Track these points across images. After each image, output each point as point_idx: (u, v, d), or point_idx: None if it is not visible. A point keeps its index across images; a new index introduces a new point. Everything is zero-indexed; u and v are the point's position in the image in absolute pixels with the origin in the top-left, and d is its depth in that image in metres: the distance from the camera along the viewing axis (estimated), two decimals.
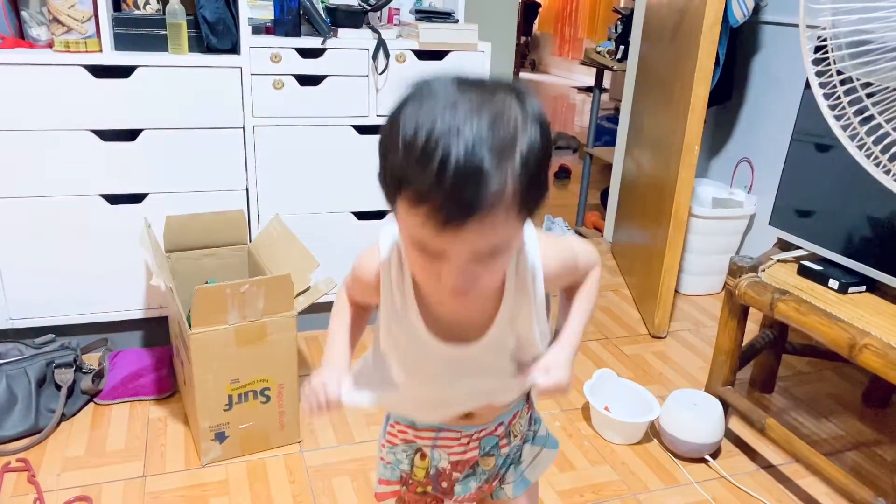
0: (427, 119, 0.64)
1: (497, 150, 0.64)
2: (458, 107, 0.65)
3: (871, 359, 1.37)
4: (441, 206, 0.65)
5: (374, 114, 2.03)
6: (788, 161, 1.78)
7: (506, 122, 0.66)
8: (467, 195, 0.65)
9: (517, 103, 0.67)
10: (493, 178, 0.65)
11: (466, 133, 0.64)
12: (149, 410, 1.83)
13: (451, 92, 0.66)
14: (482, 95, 0.66)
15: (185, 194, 1.95)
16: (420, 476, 1.01)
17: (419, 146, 0.64)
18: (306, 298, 1.66)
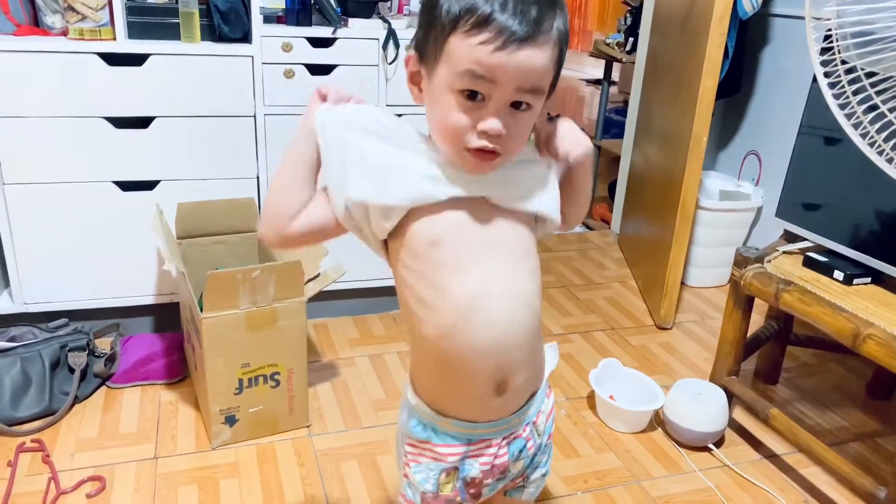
0: None
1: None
2: None
3: (875, 349, 1.39)
4: (506, 22, 0.75)
5: (384, 103, 2.04)
6: (795, 153, 1.79)
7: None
8: (531, 14, 0.75)
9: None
10: (548, 10, 0.77)
11: None
12: (160, 394, 1.86)
13: None
14: None
15: (197, 182, 1.97)
16: (447, 491, 0.97)
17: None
18: (316, 285, 1.68)
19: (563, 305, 2.49)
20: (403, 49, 2.01)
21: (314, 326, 2.22)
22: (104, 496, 1.51)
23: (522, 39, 0.75)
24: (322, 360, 2.05)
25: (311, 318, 2.24)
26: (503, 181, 0.88)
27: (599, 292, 2.62)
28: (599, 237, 3.18)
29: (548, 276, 2.71)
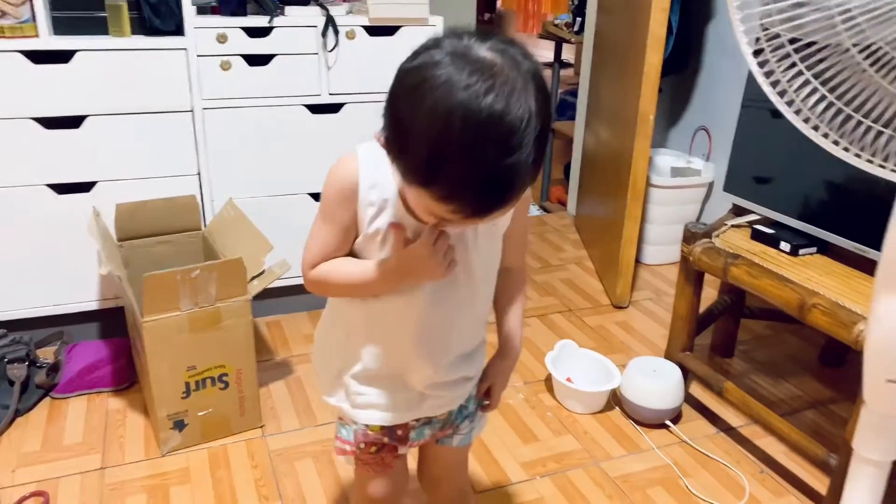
0: (456, 118, 0.65)
1: (525, 143, 0.67)
2: (481, 102, 0.65)
3: (820, 318, 1.40)
4: (473, 206, 0.70)
5: (327, 92, 2.00)
6: (740, 127, 1.79)
7: (524, 107, 0.67)
8: (500, 194, 0.69)
9: (520, 75, 0.68)
10: (523, 171, 0.68)
11: (496, 133, 0.66)
12: (107, 402, 1.80)
13: (471, 80, 0.66)
14: (494, 79, 0.67)
15: (136, 181, 1.91)
16: (376, 429, 1.02)
17: (453, 151, 0.66)
18: (260, 282, 1.64)
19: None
20: (344, 36, 1.96)
21: (266, 324, 2.18)
22: None
23: (490, 213, 0.71)
24: (275, 359, 2.01)
25: (263, 316, 2.20)
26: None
27: (556, 274, 2.61)
28: (556, 219, 3.18)
29: None
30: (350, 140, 2.05)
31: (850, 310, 1.37)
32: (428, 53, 0.70)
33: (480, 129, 0.65)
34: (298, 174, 2.06)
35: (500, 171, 0.67)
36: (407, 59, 0.72)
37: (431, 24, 2.04)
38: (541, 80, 0.70)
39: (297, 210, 2.08)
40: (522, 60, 0.70)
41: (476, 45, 0.69)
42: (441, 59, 0.68)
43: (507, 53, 0.69)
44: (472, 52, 0.68)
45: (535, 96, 0.68)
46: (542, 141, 0.69)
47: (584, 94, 2.97)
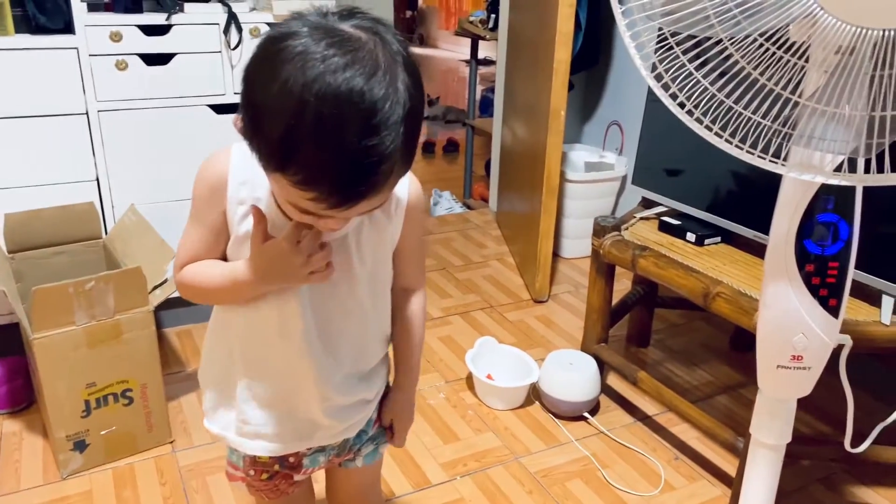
0: (310, 93, 0.60)
1: (389, 125, 0.62)
2: (339, 76, 0.60)
3: (723, 306, 1.43)
4: (333, 192, 0.64)
5: (231, 91, 1.93)
6: (645, 121, 1.82)
7: (389, 87, 0.62)
8: (361, 180, 0.63)
9: (386, 53, 0.64)
10: (387, 156, 0.63)
11: (355, 111, 0.61)
12: (2, 425, 1.69)
13: (328, 52, 0.61)
14: (355, 53, 0.62)
15: (29, 189, 1.80)
16: (265, 458, 0.95)
17: (307, 130, 0.61)
18: (163, 291, 1.57)
19: (443, 287, 2.47)
20: (247, 33, 1.90)
21: (177, 334, 2.09)
22: None
23: (355, 202, 0.65)
24: (186, 370, 1.93)
25: (174, 326, 2.11)
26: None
27: (479, 271, 2.62)
28: (479, 216, 3.18)
29: (428, 260, 2.68)
30: None
31: (752, 297, 1.41)
32: (286, 24, 0.65)
33: (337, 106, 0.60)
34: None
35: (360, 154, 0.61)
36: (267, 31, 0.67)
37: None
38: (411, 63, 0.66)
39: None
40: (391, 40, 0.65)
41: (340, 20, 0.64)
42: (298, 29, 0.63)
43: (374, 31, 0.65)
44: (335, 25, 0.64)
45: (403, 78, 0.64)
46: (412, 126, 0.64)
47: (501, 91, 2.99)
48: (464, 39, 4.29)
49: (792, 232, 0.91)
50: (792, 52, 0.77)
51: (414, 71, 0.66)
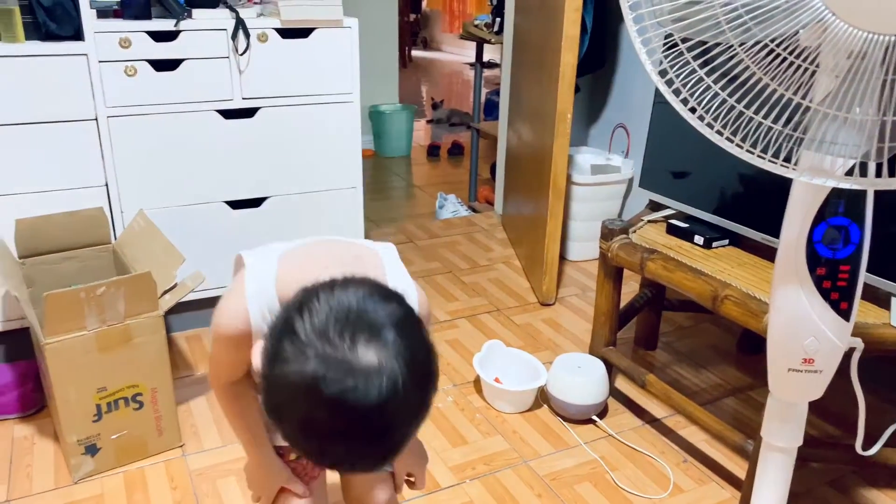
0: (319, 422, 0.65)
1: (394, 433, 0.68)
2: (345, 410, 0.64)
3: (732, 308, 1.43)
4: (343, 470, 0.78)
5: (240, 96, 1.94)
6: (653, 124, 1.83)
7: (399, 409, 0.66)
8: (371, 467, 0.71)
9: (400, 367, 0.65)
10: (395, 451, 0.69)
11: (361, 434, 0.66)
12: (13, 429, 1.70)
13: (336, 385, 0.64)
14: (362, 383, 0.64)
15: (38, 194, 1.81)
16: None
17: (314, 446, 0.68)
18: (172, 296, 1.58)
19: (450, 291, 2.47)
20: (255, 39, 1.91)
21: (185, 339, 2.10)
22: None
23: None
24: (195, 374, 1.94)
25: (181, 331, 2.12)
26: None
27: (485, 274, 2.62)
28: (484, 219, 3.19)
29: (434, 263, 2.69)
30: (267, 145, 2.01)
31: (760, 300, 1.41)
32: (296, 343, 0.66)
33: (343, 432, 0.66)
34: (213, 182, 1.99)
35: (367, 456, 0.69)
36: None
37: (346, 25, 2.00)
38: (421, 358, 0.69)
39: (212, 219, 2.02)
40: (404, 346, 0.67)
41: (346, 341, 0.66)
42: (305, 356, 0.66)
43: (381, 339, 0.66)
44: (343, 355, 0.65)
45: (411, 388, 0.66)
46: (422, 415, 0.69)
47: (506, 94, 2.99)
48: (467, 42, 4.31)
49: (803, 235, 0.91)
50: (802, 58, 0.77)
51: (426, 370, 0.69)
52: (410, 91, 6.79)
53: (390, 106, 4.35)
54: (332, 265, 0.78)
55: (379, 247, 0.92)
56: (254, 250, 0.90)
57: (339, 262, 0.83)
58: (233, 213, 2.04)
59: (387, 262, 0.88)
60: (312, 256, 0.88)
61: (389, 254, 0.91)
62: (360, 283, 0.71)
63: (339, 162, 2.13)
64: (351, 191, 2.18)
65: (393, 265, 0.88)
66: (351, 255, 0.88)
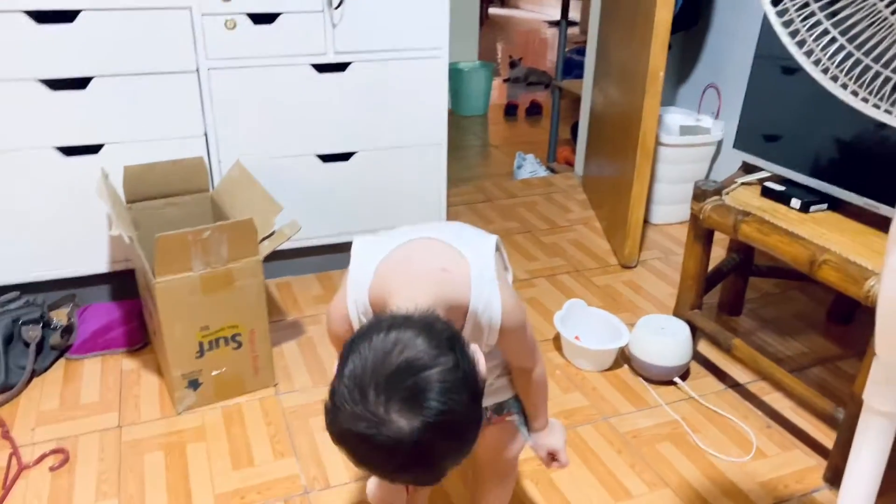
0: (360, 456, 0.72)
1: (431, 478, 0.77)
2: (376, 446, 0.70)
3: (831, 274, 1.40)
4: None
5: (332, 51, 1.97)
6: (751, 84, 1.77)
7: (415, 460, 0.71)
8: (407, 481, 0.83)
9: (426, 434, 0.69)
10: (438, 480, 0.77)
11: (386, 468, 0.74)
12: (121, 363, 1.83)
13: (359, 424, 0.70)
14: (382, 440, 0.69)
15: (143, 143, 1.90)
16: None
17: (356, 461, 0.74)
18: (271, 243, 1.64)
19: (528, 250, 2.48)
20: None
21: (277, 285, 2.19)
22: (68, 468, 1.48)
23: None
24: (287, 319, 2.03)
25: (274, 278, 2.21)
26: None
27: (564, 235, 2.61)
28: (563, 180, 3.16)
29: (512, 223, 2.70)
30: (357, 100, 2.05)
31: (861, 265, 1.37)
32: (345, 391, 0.72)
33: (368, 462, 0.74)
34: (304, 135, 2.05)
35: (410, 481, 0.80)
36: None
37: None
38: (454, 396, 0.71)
39: (305, 171, 2.08)
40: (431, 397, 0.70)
41: (380, 398, 0.70)
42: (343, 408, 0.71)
43: (412, 403, 0.69)
44: (374, 410, 0.69)
45: (435, 433, 0.70)
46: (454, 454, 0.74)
47: (592, 53, 2.93)
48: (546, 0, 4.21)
49: None
50: None
51: (458, 429, 0.73)
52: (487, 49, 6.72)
53: (469, 64, 4.33)
54: (419, 280, 0.86)
55: (473, 251, 0.92)
56: (364, 240, 0.95)
57: (426, 278, 0.87)
58: (323, 165, 2.10)
59: (474, 273, 0.89)
60: (404, 269, 0.90)
61: (481, 259, 0.91)
62: (417, 332, 0.73)
63: (426, 118, 2.15)
64: (435, 147, 2.20)
65: (481, 276, 0.89)
66: (439, 268, 0.89)
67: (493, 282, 0.89)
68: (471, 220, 2.64)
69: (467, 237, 0.97)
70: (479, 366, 0.77)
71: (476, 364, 0.76)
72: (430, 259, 0.91)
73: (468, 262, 0.90)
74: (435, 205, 2.26)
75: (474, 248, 0.93)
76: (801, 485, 1.49)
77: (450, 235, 0.94)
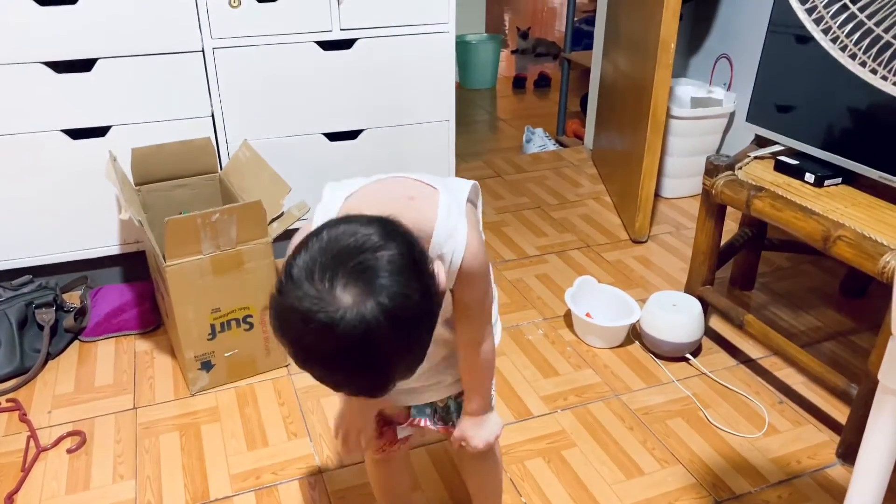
0: (306, 349, 0.70)
1: (381, 380, 0.73)
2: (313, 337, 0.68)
3: (845, 250, 1.38)
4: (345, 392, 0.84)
5: (338, 28, 1.95)
6: (765, 55, 1.73)
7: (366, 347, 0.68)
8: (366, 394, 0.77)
9: (374, 309, 0.67)
10: (385, 390, 0.74)
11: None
12: (134, 344, 1.84)
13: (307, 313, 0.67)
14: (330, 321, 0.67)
15: (150, 125, 1.89)
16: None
17: (310, 370, 0.72)
18: (280, 224, 1.64)
19: (538, 226, 2.47)
20: None
21: None
22: (85, 450, 1.50)
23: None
24: None
25: (281, 258, 2.21)
26: None
27: (574, 210, 2.60)
28: (573, 154, 3.14)
29: (522, 198, 2.68)
30: (363, 77, 2.03)
31: (876, 241, 1.35)
32: (295, 271, 0.69)
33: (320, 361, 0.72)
34: (311, 113, 2.03)
35: (357, 386, 0.74)
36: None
37: None
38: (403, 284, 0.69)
39: (312, 150, 2.07)
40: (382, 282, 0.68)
41: (330, 280, 0.67)
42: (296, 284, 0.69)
43: (361, 283, 0.67)
44: (322, 294, 0.67)
45: (382, 321, 0.67)
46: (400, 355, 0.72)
47: (602, 23, 2.88)
48: None
49: None
50: None
51: (408, 314, 0.69)
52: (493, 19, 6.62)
53: (476, 36, 4.27)
54: (385, 205, 0.78)
55: (446, 186, 0.88)
56: (335, 184, 0.91)
57: (392, 203, 0.82)
58: (330, 144, 2.08)
59: (442, 202, 0.84)
60: (371, 197, 0.87)
61: (452, 194, 0.87)
62: (368, 221, 0.71)
63: (433, 94, 2.13)
64: (444, 124, 2.18)
65: (448, 206, 0.84)
66: (406, 196, 0.86)
67: (462, 215, 0.85)
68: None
69: (442, 179, 0.92)
70: (438, 276, 0.75)
71: (435, 271, 0.74)
72: (399, 189, 0.89)
73: (438, 193, 0.86)
74: None
75: (446, 184, 0.90)
76: (813, 461, 1.49)
77: (425, 177, 0.90)
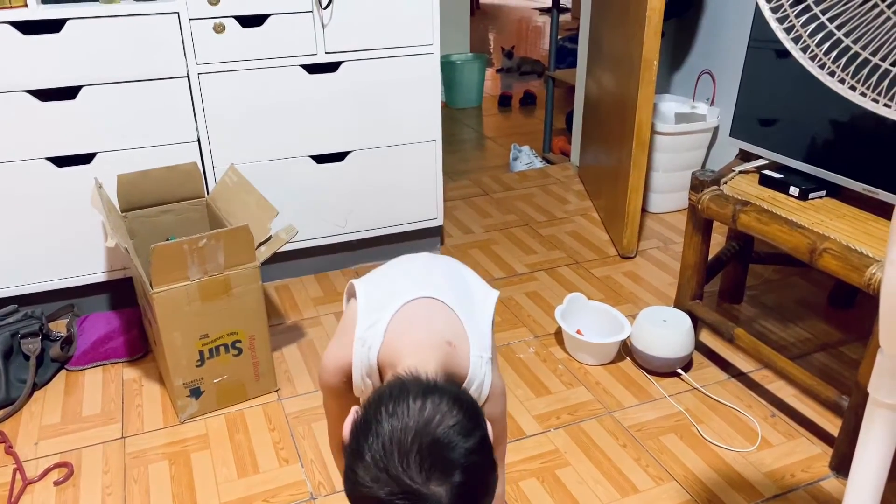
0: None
1: None
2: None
3: (831, 262, 1.39)
4: None
5: (323, 51, 1.96)
6: (746, 69, 1.75)
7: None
8: None
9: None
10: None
11: None
12: (122, 372, 1.82)
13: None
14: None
15: (136, 151, 1.89)
16: None
17: None
18: (268, 248, 1.63)
19: (527, 243, 2.48)
20: None
21: (275, 288, 2.18)
22: (73, 481, 1.48)
23: None
24: (286, 322, 2.02)
25: (272, 281, 2.20)
26: None
27: (562, 227, 2.60)
28: (559, 171, 3.15)
29: (510, 216, 2.69)
30: (349, 99, 2.03)
31: (862, 253, 1.36)
32: (367, 459, 0.75)
33: None
34: (298, 136, 2.03)
35: None
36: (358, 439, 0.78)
37: None
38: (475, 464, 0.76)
39: (300, 173, 2.07)
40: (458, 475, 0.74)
41: (409, 468, 0.73)
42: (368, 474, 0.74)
43: (442, 471, 0.73)
44: (404, 479, 0.73)
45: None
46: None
47: (585, 41, 2.91)
48: None
49: None
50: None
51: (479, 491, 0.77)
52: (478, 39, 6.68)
53: (461, 56, 4.31)
54: (428, 348, 0.92)
55: (473, 328, 0.99)
56: (367, 295, 1.01)
57: (435, 348, 0.93)
58: (317, 166, 2.09)
59: (474, 354, 0.97)
60: (414, 332, 0.96)
61: (480, 342, 0.98)
62: (450, 398, 0.78)
63: (419, 115, 2.14)
64: (431, 144, 2.19)
65: (479, 358, 0.97)
66: (445, 341, 0.96)
67: (489, 363, 0.99)
68: (468, 214, 2.64)
69: (468, 302, 1.03)
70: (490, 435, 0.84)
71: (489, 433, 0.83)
72: (437, 328, 0.97)
73: (468, 339, 0.98)
74: (432, 202, 2.25)
75: (475, 323, 1.00)
76: (807, 473, 1.48)
77: (451, 296, 1.00)
